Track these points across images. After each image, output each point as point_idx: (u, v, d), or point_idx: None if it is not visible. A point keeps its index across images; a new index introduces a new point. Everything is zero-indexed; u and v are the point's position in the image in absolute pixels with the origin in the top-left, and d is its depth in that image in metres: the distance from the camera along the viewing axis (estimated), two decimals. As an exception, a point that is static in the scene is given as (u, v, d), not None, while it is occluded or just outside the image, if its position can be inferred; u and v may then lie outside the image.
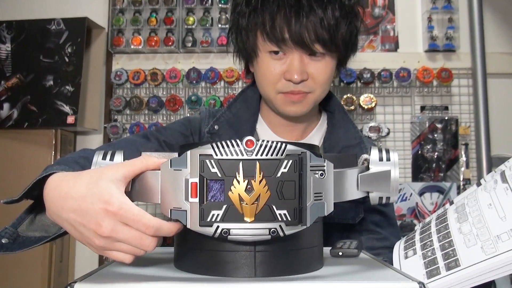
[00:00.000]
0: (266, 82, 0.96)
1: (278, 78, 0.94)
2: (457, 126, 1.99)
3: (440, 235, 0.68)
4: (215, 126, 1.05)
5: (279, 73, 0.94)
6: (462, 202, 0.71)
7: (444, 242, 0.66)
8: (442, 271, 0.62)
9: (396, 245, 0.77)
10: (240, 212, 0.50)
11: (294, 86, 0.93)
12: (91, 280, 0.54)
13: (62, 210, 0.56)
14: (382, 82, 1.98)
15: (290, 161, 0.51)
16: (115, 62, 2.05)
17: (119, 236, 0.53)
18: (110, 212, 0.52)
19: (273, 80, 0.95)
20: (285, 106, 0.97)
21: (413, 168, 1.99)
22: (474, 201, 0.69)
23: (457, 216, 0.69)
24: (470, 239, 0.64)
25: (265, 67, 0.95)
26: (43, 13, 2.03)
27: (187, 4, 2.02)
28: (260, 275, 0.54)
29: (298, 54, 0.92)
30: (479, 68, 1.97)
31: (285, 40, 0.90)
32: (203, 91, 2.03)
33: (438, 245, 0.67)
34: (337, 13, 0.90)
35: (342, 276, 0.56)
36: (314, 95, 0.96)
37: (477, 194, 0.70)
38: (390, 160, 0.60)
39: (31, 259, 1.85)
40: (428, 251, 0.67)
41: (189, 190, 0.51)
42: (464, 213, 0.69)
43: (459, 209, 0.70)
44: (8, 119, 1.93)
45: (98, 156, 0.61)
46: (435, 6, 2.03)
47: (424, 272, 0.64)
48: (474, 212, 0.67)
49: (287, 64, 0.93)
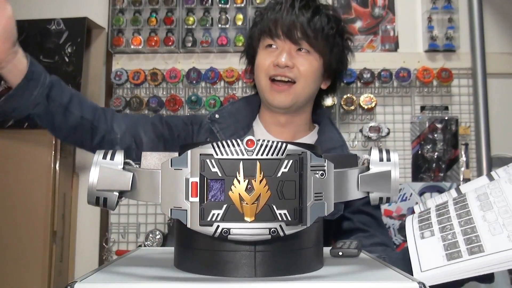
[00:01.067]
0: (259, 70, 1.13)
1: (269, 66, 1.10)
2: (457, 126, 1.99)
3: (461, 220, 0.69)
4: (216, 115, 1.17)
5: (271, 62, 1.10)
6: (484, 192, 0.72)
7: (467, 228, 0.67)
8: (464, 255, 0.63)
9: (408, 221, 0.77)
10: (240, 212, 0.50)
11: (281, 70, 1.09)
12: (91, 280, 0.54)
13: None
14: (382, 82, 1.98)
15: (290, 161, 0.51)
16: (115, 62, 2.05)
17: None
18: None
19: (265, 67, 1.11)
20: (272, 95, 1.11)
21: (413, 168, 1.99)
22: (499, 192, 0.70)
23: (480, 204, 0.70)
24: (496, 227, 0.65)
25: (260, 58, 1.13)
26: (43, 13, 2.03)
27: (187, 4, 2.02)
28: (260, 275, 0.54)
29: (288, 47, 1.10)
30: (479, 68, 1.97)
31: (277, 34, 1.09)
32: (203, 91, 2.03)
33: (459, 229, 0.67)
34: (323, 19, 1.10)
35: (342, 276, 0.56)
36: (298, 86, 1.10)
37: (501, 185, 0.72)
38: (391, 160, 0.60)
39: (31, 259, 1.85)
40: (447, 234, 0.68)
41: (189, 189, 0.51)
42: (488, 202, 0.70)
43: (482, 198, 0.71)
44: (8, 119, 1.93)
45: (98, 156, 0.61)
46: (435, 6, 2.03)
47: (444, 254, 0.65)
48: (500, 203, 0.68)
49: (277, 53, 1.10)
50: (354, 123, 2.00)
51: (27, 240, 1.86)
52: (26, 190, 1.87)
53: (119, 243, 1.97)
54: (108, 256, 1.95)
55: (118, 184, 0.56)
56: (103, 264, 0.64)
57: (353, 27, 2.06)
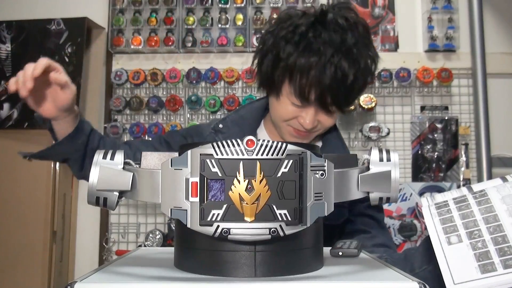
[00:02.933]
0: (280, 118, 1.07)
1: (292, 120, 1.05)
2: (457, 126, 1.99)
3: (489, 226, 0.64)
4: (219, 125, 1.14)
5: (295, 117, 1.05)
6: (509, 193, 0.67)
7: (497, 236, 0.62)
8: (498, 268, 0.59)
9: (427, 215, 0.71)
10: (241, 212, 0.50)
11: (303, 128, 1.05)
12: (91, 280, 0.54)
13: None
14: (382, 82, 1.98)
15: (290, 161, 0.51)
16: (115, 62, 2.05)
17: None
18: None
19: (287, 119, 1.06)
20: (290, 137, 1.08)
21: (413, 168, 1.99)
22: None
23: (507, 209, 0.65)
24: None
25: (283, 109, 1.05)
26: (43, 13, 2.03)
27: (187, 4, 2.02)
28: (260, 275, 0.54)
29: (315, 110, 1.03)
30: (479, 68, 1.97)
31: (309, 101, 1.00)
32: (203, 91, 2.02)
33: (489, 237, 0.63)
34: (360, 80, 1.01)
35: (342, 276, 0.56)
36: (318, 133, 1.10)
37: None
38: (391, 160, 0.60)
39: (31, 259, 1.85)
40: (477, 241, 0.63)
41: (189, 189, 0.51)
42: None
43: (507, 201, 0.66)
44: (8, 119, 1.93)
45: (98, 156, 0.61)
46: (435, 6, 2.03)
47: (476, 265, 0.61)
48: None
49: (304, 112, 1.03)
50: (354, 123, 2.00)
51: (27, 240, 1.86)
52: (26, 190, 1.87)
53: (119, 243, 1.97)
54: (108, 256, 1.95)
55: (118, 184, 0.56)
56: (103, 264, 0.64)
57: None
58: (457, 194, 0.75)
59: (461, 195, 0.72)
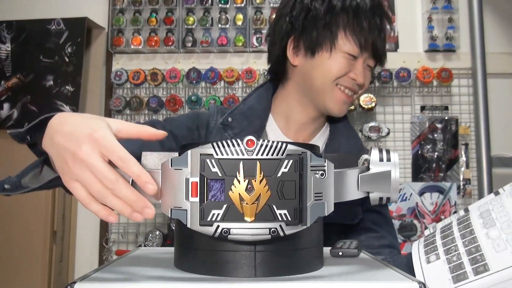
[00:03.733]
0: (331, 76, 1.04)
1: (344, 74, 1.04)
2: (457, 126, 1.99)
3: (465, 240, 0.68)
4: (228, 118, 1.09)
5: (347, 71, 1.04)
6: (487, 208, 0.71)
7: (471, 247, 0.66)
8: (470, 276, 0.62)
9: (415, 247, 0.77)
10: (241, 212, 0.50)
11: (353, 84, 1.05)
12: (91, 280, 0.54)
13: (56, 133, 0.58)
14: (382, 82, 1.98)
15: (290, 161, 0.51)
16: (115, 62, 2.05)
17: (92, 163, 0.53)
18: (93, 138, 0.54)
19: (339, 76, 1.04)
20: (337, 103, 1.06)
21: (413, 168, 1.99)
22: (501, 207, 0.69)
23: (482, 222, 0.69)
24: (500, 244, 0.64)
25: (337, 64, 1.03)
26: (43, 13, 2.03)
27: (187, 4, 2.02)
28: (260, 275, 0.54)
29: (363, 61, 1.05)
30: (479, 68, 1.97)
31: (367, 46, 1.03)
32: (203, 91, 2.02)
33: (464, 250, 0.67)
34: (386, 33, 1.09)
35: (342, 276, 0.56)
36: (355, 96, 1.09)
37: (502, 200, 0.71)
38: (391, 160, 0.60)
39: (31, 259, 1.85)
40: (453, 256, 0.67)
41: (189, 189, 0.51)
42: (490, 219, 0.69)
43: (484, 215, 0.70)
44: (8, 119, 1.93)
45: None
46: (435, 6, 2.03)
47: (450, 277, 0.64)
48: (502, 218, 0.67)
49: (354, 66, 1.04)
50: (354, 123, 2.00)
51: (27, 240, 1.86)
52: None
53: (119, 243, 1.97)
54: (108, 256, 1.95)
55: (118, 184, 0.55)
56: (103, 264, 0.64)
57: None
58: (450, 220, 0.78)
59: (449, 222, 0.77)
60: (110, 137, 0.54)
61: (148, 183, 0.52)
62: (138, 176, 0.52)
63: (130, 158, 0.53)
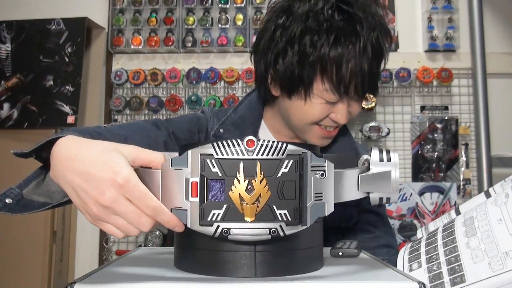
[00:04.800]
0: (307, 121, 0.95)
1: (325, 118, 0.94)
2: (457, 126, 1.99)
3: (446, 248, 0.67)
4: (220, 130, 1.04)
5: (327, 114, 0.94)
6: (471, 215, 0.70)
7: (451, 256, 0.65)
8: (447, 286, 0.61)
9: (400, 254, 0.76)
10: (241, 212, 0.50)
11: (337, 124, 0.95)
12: (91, 280, 0.53)
13: (68, 171, 0.55)
14: (382, 82, 1.98)
15: (290, 161, 0.51)
16: (115, 62, 2.05)
17: (119, 209, 0.52)
18: (117, 183, 0.51)
19: (316, 121, 0.94)
20: (317, 139, 0.97)
21: (413, 168, 1.99)
22: (484, 215, 0.67)
23: (465, 230, 0.68)
24: (478, 254, 0.62)
25: (315, 109, 0.93)
26: (43, 13, 2.03)
27: (187, 4, 2.02)
28: (260, 275, 0.54)
29: (348, 102, 0.93)
30: (479, 68, 1.97)
31: (349, 93, 0.90)
32: (203, 91, 2.02)
33: (444, 259, 0.65)
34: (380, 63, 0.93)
35: (342, 276, 0.56)
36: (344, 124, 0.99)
37: (486, 207, 0.69)
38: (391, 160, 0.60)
39: (31, 259, 1.85)
40: (433, 264, 0.66)
41: (189, 189, 0.51)
42: (472, 227, 0.67)
43: (468, 223, 0.69)
44: (8, 119, 1.93)
45: None
46: (435, 6, 2.03)
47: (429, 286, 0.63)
48: (483, 227, 0.65)
49: (337, 107, 0.93)
50: (354, 123, 2.00)
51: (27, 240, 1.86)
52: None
53: (119, 243, 1.97)
54: (108, 256, 1.95)
55: (118, 184, 0.55)
56: (103, 264, 0.64)
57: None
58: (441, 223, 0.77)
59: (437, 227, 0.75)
60: (135, 180, 0.52)
61: (177, 226, 0.53)
62: (168, 222, 0.53)
63: (159, 206, 0.52)
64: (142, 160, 0.56)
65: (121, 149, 0.55)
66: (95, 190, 0.52)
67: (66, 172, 0.55)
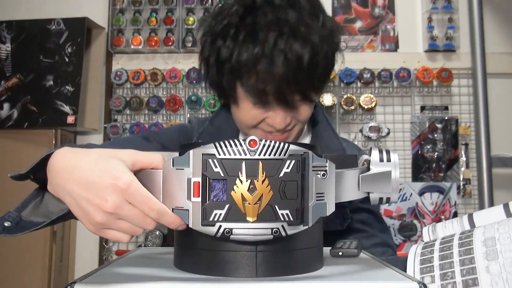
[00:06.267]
0: (244, 126, 0.94)
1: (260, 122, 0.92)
2: (457, 126, 1.99)
3: (464, 268, 0.64)
4: (199, 141, 1.02)
5: (262, 118, 0.91)
6: (492, 236, 0.66)
7: (468, 279, 0.62)
8: None
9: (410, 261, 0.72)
10: (243, 212, 0.50)
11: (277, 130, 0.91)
12: (91, 280, 0.53)
13: (67, 181, 0.54)
14: (382, 82, 1.98)
15: (293, 161, 0.51)
16: (115, 62, 2.05)
17: (123, 213, 0.52)
18: (119, 189, 0.51)
19: (255, 124, 0.92)
20: None
21: (413, 168, 1.99)
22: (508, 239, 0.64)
23: (485, 251, 0.64)
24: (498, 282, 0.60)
25: (247, 115, 0.91)
26: (43, 13, 2.03)
27: (187, 4, 2.02)
28: (261, 275, 0.54)
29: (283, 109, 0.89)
30: (479, 68, 1.98)
31: (269, 99, 0.87)
32: (203, 91, 2.02)
33: (460, 279, 0.63)
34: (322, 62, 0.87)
35: (342, 276, 0.56)
36: (297, 128, 0.95)
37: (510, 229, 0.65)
38: (391, 160, 0.60)
39: (31, 259, 1.85)
40: (448, 283, 0.63)
41: (191, 189, 0.51)
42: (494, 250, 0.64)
43: (488, 243, 0.65)
44: (8, 119, 1.93)
45: None
46: (435, 6, 2.03)
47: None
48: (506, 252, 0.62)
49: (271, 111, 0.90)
50: (354, 123, 2.00)
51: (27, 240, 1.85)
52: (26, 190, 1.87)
53: (119, 243, 1.97)
54: (108, 256, 1.95)
55: (118, 184, 0.55)
56: (103, 264, 0.64)
57: (353, 27, 2.07)
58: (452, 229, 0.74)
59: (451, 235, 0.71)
60: (136, 184, 0.52)
61: (181, 226, 0.53)
62: (172, 223, 0.53)
63: (163, 209, 0.52)
64: (141, 163, 0.55)
65: (119, 155, 0.54)
66: (97, 197, 0.52)
67: (65, 182, 0.55)
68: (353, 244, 0.74)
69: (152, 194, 0.54)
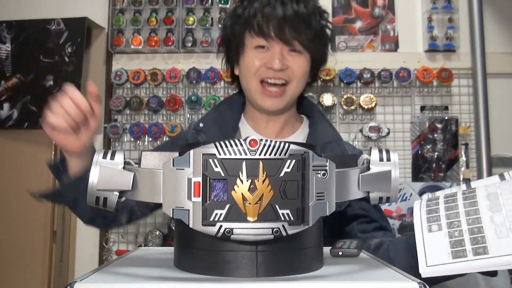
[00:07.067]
0: (249, 73, 1.09)
1: (261, 68, 1.08)
2: (457, 126, 1.99)
3: (469, 218, 0.69)
4: (200, 124, 1.16)
5: (262, 64, 1.08)
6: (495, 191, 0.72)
7: (474, 227, 0.67)
8: (469, 255, 0.64)
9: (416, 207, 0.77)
10: (243, 212, 0.50)
11: (274, 73, 1.07)
12: (91, 280, 0.53)
13: None
14: (382, 82, 1.98)
15: (293, 161, 0.51)
16: (115, 62, 2.05)
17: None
18: None
19: (256, 70, 1.08)
20: (263, 99, 1.10)
21: (413, 168, 1.99)
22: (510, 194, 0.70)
23: (489, 204, 0.70)
24: (502, 230, 0.65)
25: (249, 60, 1.09)
26: (43, 13, 2.02)
27: (187, 4, 2.02)
28: (262, 275, 0.54)
29: (280, 48, 1.07)
30: (479, 68, 1.98)
31: (269, 34, 1.06)
32: (203, 91, 2.02)
33: (466, 227, 0.68)
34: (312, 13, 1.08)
35: (342, 276, 0.56)
36: (291, 88, 1.10)
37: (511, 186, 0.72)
38: (391, 160, 0.60)
39: (31, 259, 1.85)
40: (455, 230, 0.68)
41: (192, 189, 0.51)
42: (497, 203, 0.70)
43: (492, 197, 0.71)
44: (8, 119, 1.93)
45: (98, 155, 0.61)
46: (435, 6, 2.03)
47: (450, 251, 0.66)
48: (509, 205, 0.68)
49: (269, 55, 1.07)
50: (354, 123, 2.00)
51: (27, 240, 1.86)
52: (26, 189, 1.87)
53: (119, 243, 1.97)
54: (108, 256, 1.95)
55: (118, 184, 0.55)
56: (103, 264, 0.64)
57: (353, 27, 2.07)
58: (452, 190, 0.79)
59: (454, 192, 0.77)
60: None
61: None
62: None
63: None
64: None
65: None
66: None
67: None
68: (353, 244, 0.74)
69: (152, 194, 0.54)
